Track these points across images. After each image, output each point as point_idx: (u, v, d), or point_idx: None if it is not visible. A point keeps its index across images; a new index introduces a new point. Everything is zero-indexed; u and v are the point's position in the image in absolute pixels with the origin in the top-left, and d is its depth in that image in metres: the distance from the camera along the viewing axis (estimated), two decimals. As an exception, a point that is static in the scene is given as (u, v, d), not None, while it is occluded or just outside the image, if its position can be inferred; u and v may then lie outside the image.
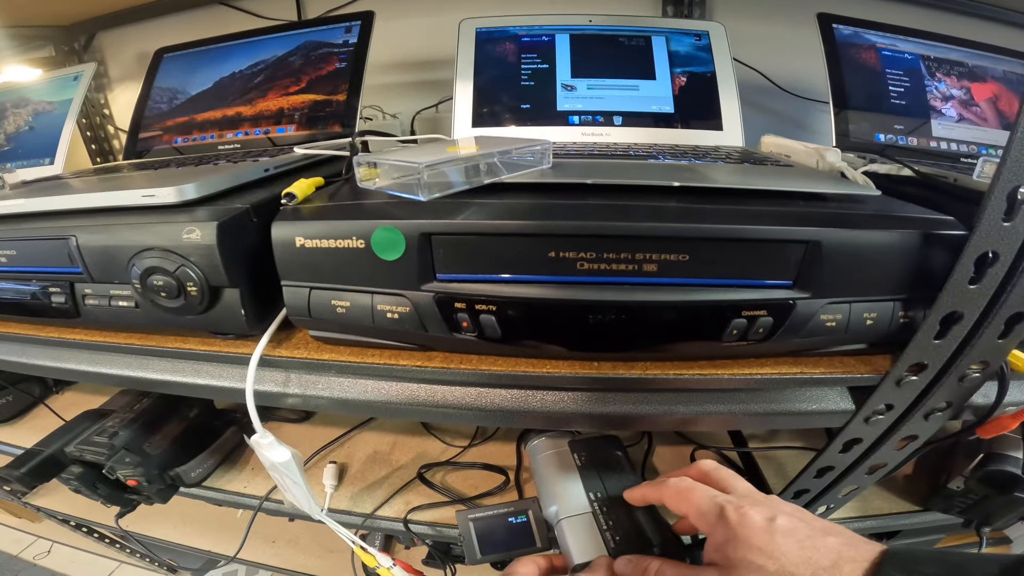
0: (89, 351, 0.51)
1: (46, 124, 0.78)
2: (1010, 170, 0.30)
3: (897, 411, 0.42)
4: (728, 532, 0.31)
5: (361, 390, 0.44)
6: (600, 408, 0.42)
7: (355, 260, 0.37)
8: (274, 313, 0.44)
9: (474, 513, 0.51)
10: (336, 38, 0.71)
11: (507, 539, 0.49)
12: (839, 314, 0.37)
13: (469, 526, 0.50)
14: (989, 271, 0.34)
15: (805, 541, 0.29)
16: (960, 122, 0.69)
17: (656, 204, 0.37)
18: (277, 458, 0.47)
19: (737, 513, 0.31)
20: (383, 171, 0.40)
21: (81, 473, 0.64)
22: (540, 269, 0.36)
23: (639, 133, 0.66)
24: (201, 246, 0.39)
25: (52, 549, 1.48)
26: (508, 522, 0.50)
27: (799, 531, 0.30)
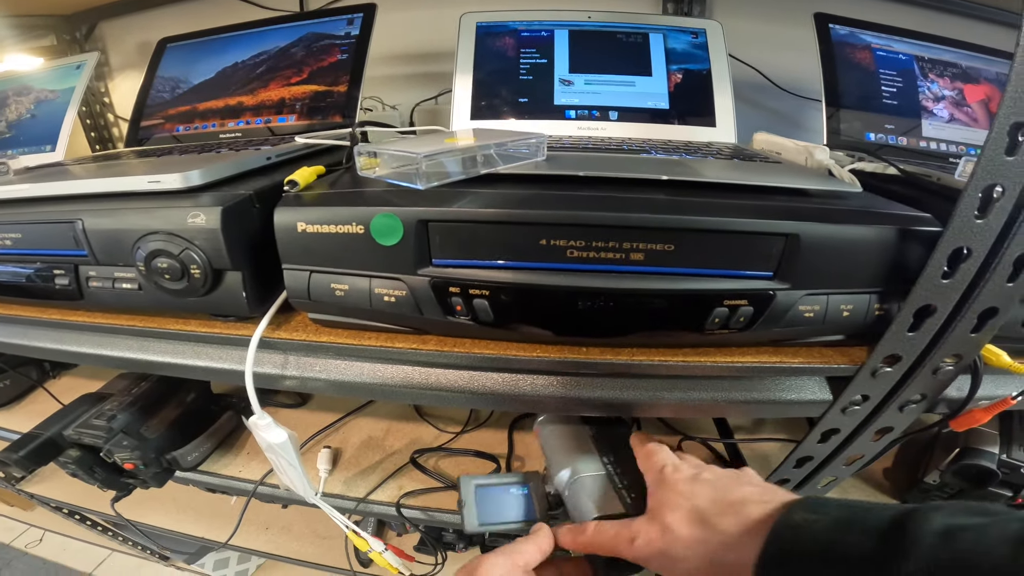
0: (91, 333, 0.52)
1: (48, 112, 0.79)
2: (985, 167, 0.32)
3: (873, 402, 0.44)
4: (661, 483, 0.38)
5: (357, 372, 0.45)
6: (588, 393, 0.43)
7: (354, 245, 0.38)
8: (273, 297, 0.46)
9: (479, 479, 0.51)
10: (338, 30, 0.73)
11: (507, 510, 0.50)
12: (817, 305, 0.39)
13: (472, 490, 0.50)
14: (962, 266, 0.35)
15: (720, 488, 0.35)
16: (950, 122, 0.70)
17: (644, 196, 0.38)
18: (274, 439, 0.48)
19: (672, 469, 0.38)
20: (383, 161, 0.41)
21: (79, 457, 0.65)
22: (531, 256, 0.37)
23: (634, 128, 0.68)
24: (205, 230, 0.40)
25: (44, 537, 1.48)
26: (510, 492, 0.51)
27: (719, 482, 0.36)
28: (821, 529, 0.27)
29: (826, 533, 0.27)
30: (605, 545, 0.37)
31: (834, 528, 0.27)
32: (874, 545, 0.25)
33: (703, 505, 0.34)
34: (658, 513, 0.35)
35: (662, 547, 0.33)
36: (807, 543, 0.27)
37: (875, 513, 0.27)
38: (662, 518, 0.35)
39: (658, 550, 0.33)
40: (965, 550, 0.22)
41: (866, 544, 0.25)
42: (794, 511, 0.29)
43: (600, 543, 0.38)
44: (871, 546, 0.25)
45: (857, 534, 0.26)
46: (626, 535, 0.36)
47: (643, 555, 0.34)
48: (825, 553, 0.26)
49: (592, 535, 0.38)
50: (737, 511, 0.32)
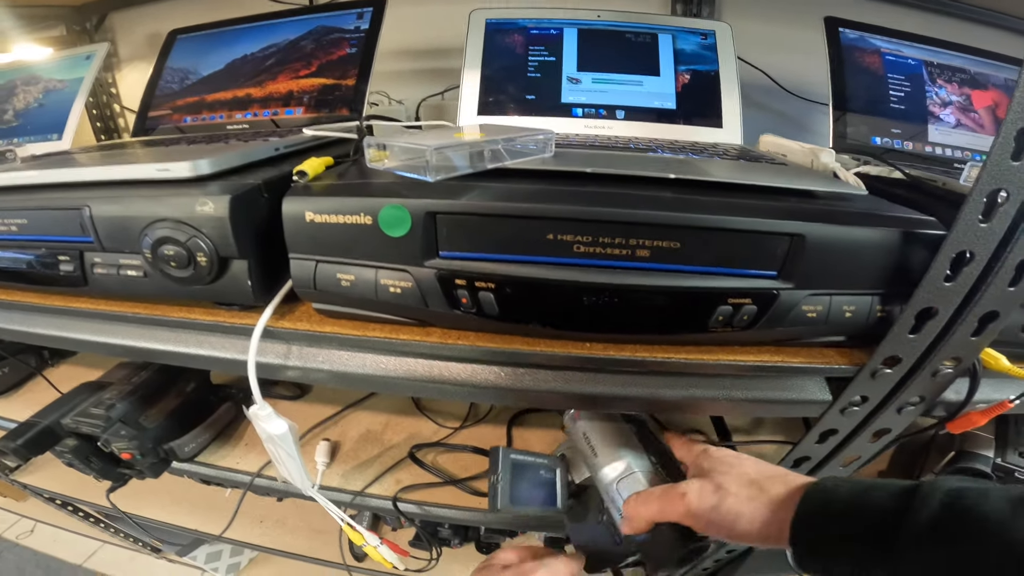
0: (94, 320, 0.52)
1: (56, 101, 0.79)
2: (990, 172, 0.32)
3: (872, 403, 0.44)
4: (706, 456, 0.41)
5: (360, 363, 0.45)
6: (590, 388, 0.43)
7: (362, 236, 0.38)
8: (278, 287, 0.46)
9: (515, 453, 0.50)
10: (348, 23, 0.73)
11: (536, 493, 0.49)
12: (820, 305, 0.39)
13: (509, 464, 0.49)
14: (965, 270, 0.36)
15: (761, 463, 0.39)
16: (957, 128, 0.70)
17: (651, 193, 0.39)
18: (274, 430, 0.48)
19: (715, 448, 0.42)
20: (392, 153, 0.41)
21: (76, 446, 0.65)
22: (538, 250, 0.37)
23: (640, 127, 0.68)
24: (213, 218, 0.40)
25: (35, 528, 1.48)
26: (541, 474, 0.50)
27: (760, 461, 0.39)
28: (847, 491, 0.31)
29: (851, 494, 0.31)
30: (652, 507, 0.39)
31: (858, 491, 0.31)
32: (893, 502, 0.29)
33: (751, 472, 0.37)
34: (708, 475, 0.38)
35: (716, 503, 0.35)
36: (836, 502, 0.31)
37: (891, 482, 0.31)
38: (713, 478, 0.37)
39: (711, 505, 0.35)
40: (969, 505, 0.26)
41: (886, 501, 0.29)
42: (823, 480, 0.33)
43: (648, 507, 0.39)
44: (891, 503, 0.29)
45: (878, 493, 0.30)
46: (677, 492, 0.38)
47: (695, 510, 0.36)
48: (851, 509, 0.30)
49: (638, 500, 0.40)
50: (783, 478, 0.35)
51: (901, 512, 0.28)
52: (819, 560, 0.31)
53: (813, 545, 0.31)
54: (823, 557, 0.31)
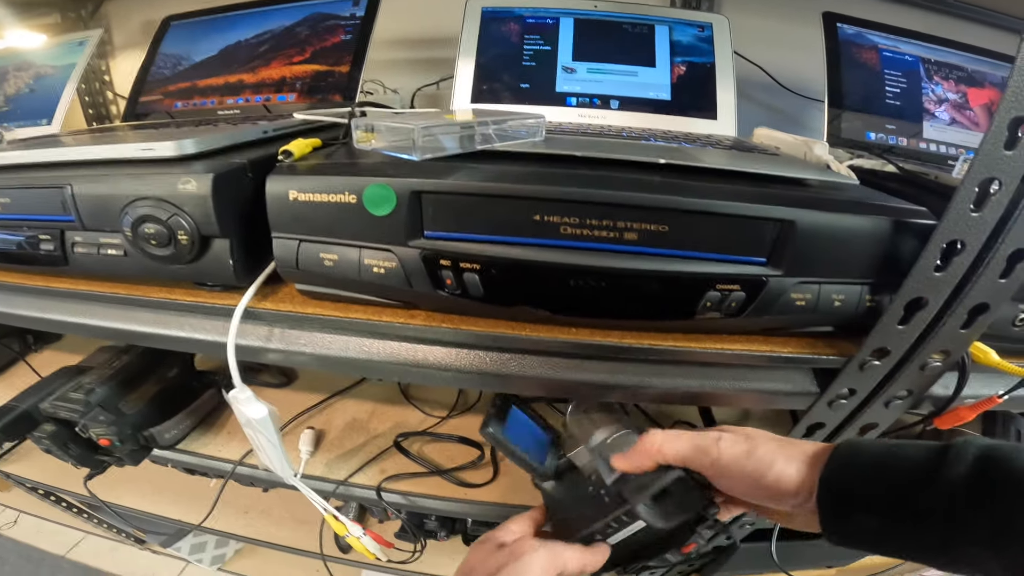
0: (75, 301, 0.51)
1: (47, 87, 0.79)
2: (983, 161, 0.32)
3: (859, 396, 0.44)
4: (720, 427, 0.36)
5: (343, 346, 0.45)
6: (576, 375, 0.43)
7: (346, 214, 0.38)
8: (260, 268, 0.45)
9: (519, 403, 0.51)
10: (343, 10, 0.72)
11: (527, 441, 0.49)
12: (809, 294, 0.38)
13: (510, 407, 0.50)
14: (955, 259, 0.35)
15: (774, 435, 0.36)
16: (951, 125, 0.70)
17: (641, 177, 0.38)
18: (254, 414, 0.47)
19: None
20: (379, 134, 0.41)
21: (53, 431, 0.64)
22: (524, 231, 0.37)
23: (634, 117, 0.68)
24: (196, 196, 0.39)
25: (18, 519, 1.46)
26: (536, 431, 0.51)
27: None
28: (875, 448, 0.31)
29: (881, 450, 0.30)
30: (682, 446, 0.35)
31: (887, 448, 0.30)
32: (925, 458, 0.28)
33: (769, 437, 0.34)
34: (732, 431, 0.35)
35: (749, 449, 0.33)
36: (865, 455, 0.30)
37: (919, 441, 0.30)
38: (739, 432, 0.35)
39: (745, 451, 0.33)
40: (1003, 456, 0.26)
41: (919, 457, 0.28)
42: (850, 438, 0.33)
43: (676, 443, 0.35)
44: (923, 459, 0.28)
45: (909, 450, 0.29)
46: (710, 436, 0.34)
47: (728, 454, 0.33)
48: (882, 464, 0.29)
49: (668, 438, 0.36)
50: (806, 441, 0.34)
51: (934, 468, 0.27)
52: (847, 517, 0.30)
53: (842, 500, 0.30)
54: (852, 511, 0.29)
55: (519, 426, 0.50)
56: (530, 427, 0.51)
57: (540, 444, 0.50)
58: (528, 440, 0.49)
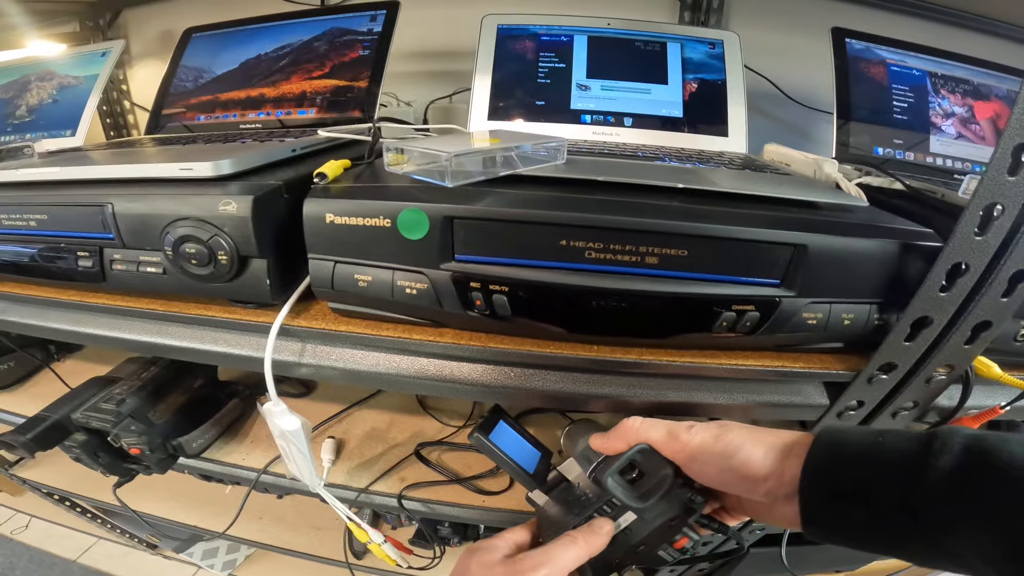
0: (111, 316, 0.53)
1: (70, 98, 0.80)
2: (987, 187, 0.34)
3: (867, 408, 0.46)
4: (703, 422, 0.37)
5: (373, 362, 0.47)
6: (597, 389, 0.45)
7: (380, 238, 0.40)
8: (293, 285, 0.47)
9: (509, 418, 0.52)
10: (361, 26, 0.74)
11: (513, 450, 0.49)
12: (820, 313, 0.40)
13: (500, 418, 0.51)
14: (959, 280, 0.37)
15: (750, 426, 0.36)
16: (958, 139, 0.71)
17: (660, 203, 0.40)
18: (287, 426, 0.49)
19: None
20: (410, 157, 0.43)
21: (85, 441, 0.65)
22: (551, 255, 0.39)
23: (647, 135, 0.69)
24: (236, 217, 0.41)
25: (30, 524, 1.48)
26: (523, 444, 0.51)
27: None
28: (859, 434, 0.30)
29: (866, 440, 0.30)
30: (657, 431, 0.36)
31: (872, 435, 0.30)
32: (911, 447, 0.28)
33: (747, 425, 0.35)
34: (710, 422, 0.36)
35: (719, 433, 0.34)
36: (851, 447, 0.30)
37: (904, 430, 0.30)
38: (715, 422, 0.35)
39: (715, 435, 0.34)
40: (990, 448, 0.25)
41: (904, 446, 0.28)
42: (830, 425, 0.32)
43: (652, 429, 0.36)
44: (909, 447, 0.28)
45: (893, 439, 0.29)
46: (683, 423, 0.35)
47: (697, 440, 0.34)
48: (867, 453, 0.29)
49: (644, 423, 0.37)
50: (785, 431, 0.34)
51: (921, 457, 0.27)
52: (832, 509, 0.29)
53: (826, 492, 0.29)
54: (839, 503, 0.29)
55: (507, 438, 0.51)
56: (518, 440, 0.52)
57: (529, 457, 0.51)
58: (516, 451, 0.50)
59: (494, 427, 0.50)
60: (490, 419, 0.50)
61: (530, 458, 0.51)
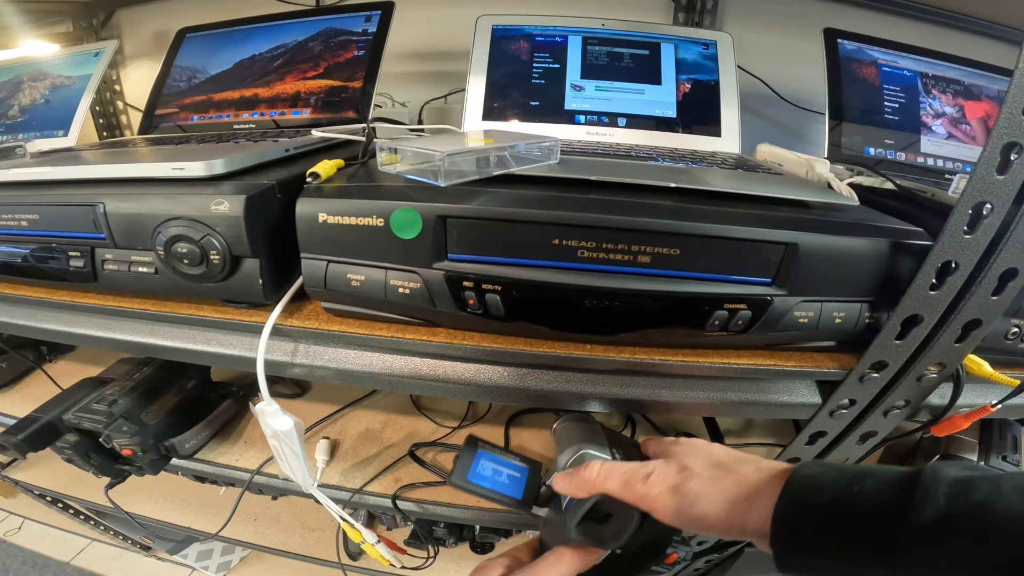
0: (103, 316, 0.52)
1: (63, 98, 0.80)
2: (976, 185, 0.34)
3: (859, 406, 0.46)
4: (677, 444, 0.38)
5: (366, 362, 0.47)
6: (590, 388, 0.45)
7: (373, 237, 0.40)
8: (286, 285, 0.47)
9: (485, 443, 0.51)
10: (356, 26, 0.74)
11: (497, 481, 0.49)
12: (811, 312, 0.41)
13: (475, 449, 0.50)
14: (949, 279, 0.37)
15: (735, 451, 0.36)
16: (949, 139, 0.72)
17: (653, 202, 0.40)
18: (280, 426, 0.49)
19: (687, 438, 0.39)
20: (404, 157, 0.43)
21: (77, 442, 0.65)
22: (544, 254, 0.39)
23: (641, 135, 0.70)
24: (228, 217, 0.41)
25: (23, 526, 1.47)
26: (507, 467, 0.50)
27: (730, 449, 0.36)
28: (832, 480, 0.28)
29: (839, 484, 0.28)
30: (614, 482, 0.35)
31: (847, 480, 0.28)
32: (890, 495, 0.26)
33: (720, 455, 0.34)
34: (675, 457, 0.35)
35: (678, 483, 0.33)
36: (822, 494, 0.28)
37: (884, 468, 0.28)
38: (680, 459, 0.35)
39: (672, 486, 0.33)
40: (980, 500, 0.23)
41: (882, 494, 0.26)
42: (805, 466, 0.30)
43: (608, 479, 0.35)
44: (887, 496, 0.26)
45: (870, 485, 0.27)
46: (642, 472, 0.34)
47: (656, 491, 0.33)
48: (840, 503, 0.27)
49: (602, 472, 0.36)
50: (754, 462, 0.33)
51: (901, 507, 0.25)
52: (805, 558, 0.28)
53: (798, 541, 0.28)
54: (810, 555, 0.27)
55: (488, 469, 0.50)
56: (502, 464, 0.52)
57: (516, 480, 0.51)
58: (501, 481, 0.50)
59: (472, 462, 0.50)
60: (466, 453, 0.50)
61: (517, 481, 0.51)
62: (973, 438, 0.63)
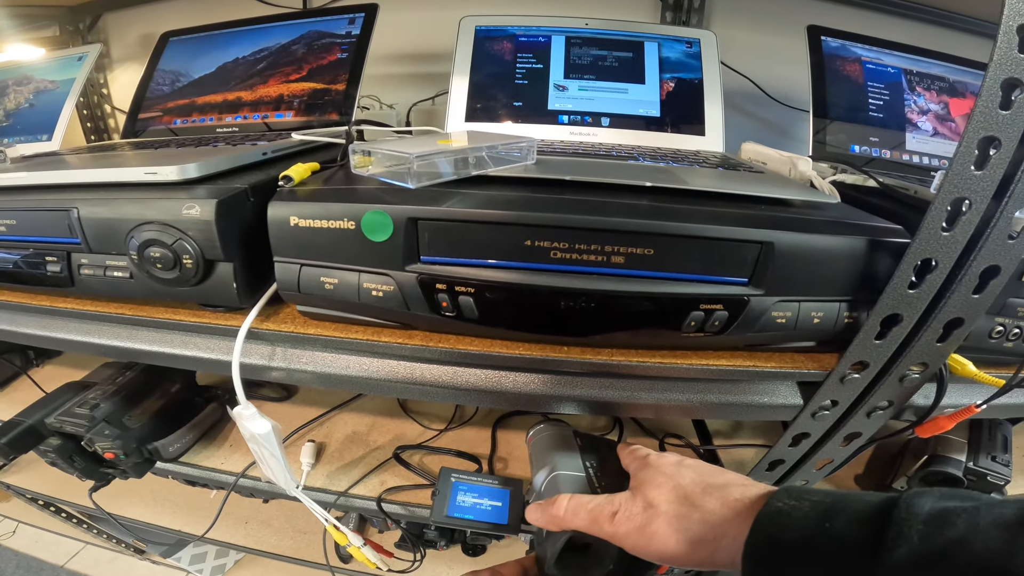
0: (80, 320, 0.52)
1: (47, 102, 0.79)
2: (953, 181, 0.33)
3: (841, 407, 0.46)
4: (645, 466, 0.38)
5: (343, 365, 0.46)
6: (568, 391, 0.44)
7: (345, 240, 0.39)
8: (263, 288, 0.46)
9: (460, 473, 0.52)
10: (339, 29, 0.74)
11: (480, 510, 0.50)
12: (789, 311, 0.40)
13: (450, 482, 0.50)
14: (928, 277, 0.37)
15: (704, 472, 0.35)
16: (934, 136, 0.72)
17: (627, 201, 0.40)
18: (258, 430, 0.49)
19: (656, 456, 0.39)
20: (376, 159, 0.42)
21: (59, 445, 0.65)
22: (516, 256, 0.38)
23: (624, 135, 0.69)
24: (200, 221, 0.41)
25: (17, 529, 1.46)
26: (488, 494, 0.51)
27: (702, 467, 0.36)
28: (803, 516, 0.27)
29: (810, 520, 0.26)
30: (581, 519, 0.36)
31: (818, 515, 0.26)
32: (860, 533, 0.24)
33: (687, 485, 0.34)
34: (640, 489, 0.35)
35: (642, 523, 0.33)
36: (792, 531, 0.27)
37: (858, 499, 0.27)
38: (644, 494, 0.34)
39: (637, 526, 0.33)
40: (957, 538, 0.22)
41: (852, 532, 0.25)
42: (776, 498, 0.29)
43: (576, 516, 0.36)
44: (858, 534, 0.24)
45: (842, 521, 0.25)
46: (608, 510, 0.35)
47: (622, 531, 0.33)
48: (811, 542, 0.26)
49: (569, 508, 0.37)
50: (721, 492, 0.32)
51: (873, 547, 0.23)
52: None
53: None
54: None
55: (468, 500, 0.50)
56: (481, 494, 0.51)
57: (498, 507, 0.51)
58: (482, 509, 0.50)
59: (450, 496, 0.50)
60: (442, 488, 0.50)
61: (500, 508, 0.50)
62: (962, 438, 0.63)
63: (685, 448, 0.70)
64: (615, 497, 0.36)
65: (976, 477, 0.60)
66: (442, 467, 0.52)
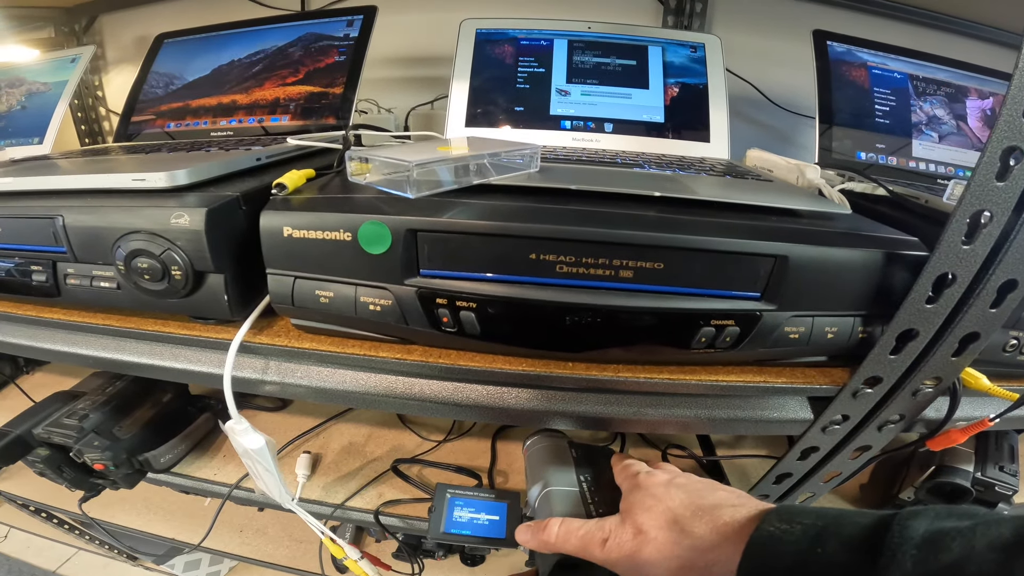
0: (67, 331, 0.51)
1: (39, 104, 0.78)
2: (974, 192, 0.32)
3: (853, 422, 0.44)
4: (636, 487, 0.37)
5: (340, 380, 0.45)
6: (572, 407, 0.43)
7: (341, 252, 0.38)
8: (256, 301, 0.45)
9: (456, 488, 0.51)
10: (337, 31, 0.72)
11: (477, 525, 0.49)
12: (802, 327, 0.39)
13: (445, 498, 0.50)
14: (946, 291, 0.36)
15: (694, 492, 0.34)
16: (941, 143, 0.70)
17: (635, 212, 0.38)
18: (251, 445, 0.47)
19: (647, 474, 0.38)
20: (374, 167, 0.41)
21: (47, 456, 0.63)
22: (520, 270, 0.37)
23: (628, 141, 0.68)
24: (189, 231, 0.39)
25: (9, 534, 1.45)
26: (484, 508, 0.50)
27: (693, 486, 0.35)
28: (795, 541, 0.26)
29: (801, 545, 0.26)
30: (572, 545, 0.36)
31: (810, 540, 0.26)
32: (852, 558, 0.24)
33: (676, 508, 0.33)
34: (630, 514, 0.35)
35: (632, 550, 0.32)
36: (784, 558, 0.26)
37: (851, 521, 0.26)
38: (634, 519, 0.34)
39: (628, 553, 0.33)
40: (951, 562, 0.21)
41: (844, 557, 0.24)
42: (767, 521, 0.28)
43: (567, 542, 0.36)
44: (849, 559, 0.24)
45: (834, 545, 0.25)
46: (599, 536, 0.35)
47: (613, 558, 0.33)
48: (803, 569, 0.25)
49: (559, 533, 0.37)
50: (711, 516, 0.31)
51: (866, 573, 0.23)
52: None
53: None
54: None
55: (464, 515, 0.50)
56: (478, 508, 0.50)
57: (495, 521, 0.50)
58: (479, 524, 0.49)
59: (446, 512, 0.49)
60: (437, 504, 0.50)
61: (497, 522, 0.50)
62: (969, 448, 0.61)
63: (688, 459, 0.68)
64: (605, 522, 0.36)
65: (984, 487, 0.59)
66: (437, 483, 0.51)
